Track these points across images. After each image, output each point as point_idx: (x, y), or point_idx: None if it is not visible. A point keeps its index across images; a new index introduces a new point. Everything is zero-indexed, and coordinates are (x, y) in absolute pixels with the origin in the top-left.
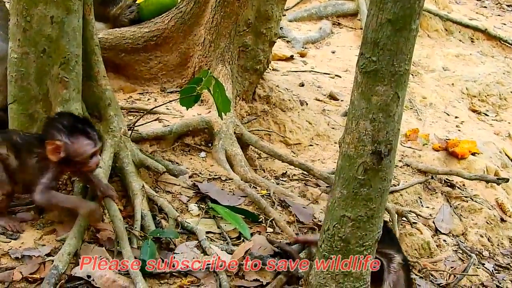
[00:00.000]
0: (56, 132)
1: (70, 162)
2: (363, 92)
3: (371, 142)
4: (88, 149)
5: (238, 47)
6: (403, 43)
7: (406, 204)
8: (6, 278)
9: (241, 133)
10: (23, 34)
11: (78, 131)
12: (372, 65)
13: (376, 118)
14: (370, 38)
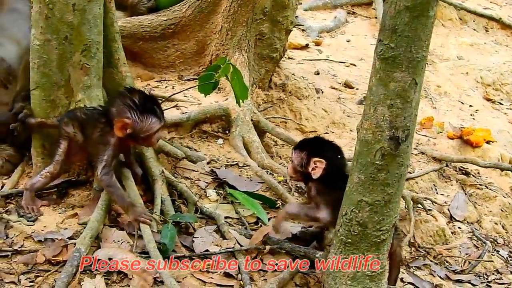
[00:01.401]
0: (126, 109)
1: (134, 138)
2: (381, 78)
3: (388, 128)
4: (154, 126)
5: (254, 35)
6: (420, 29)
7: (421, 191)
8: (30, 260)
9: (258, 120)
10: (45, 21)
11: (146, 109)
12: (390, 52)
13: (394, 104)
14: (388, 24)
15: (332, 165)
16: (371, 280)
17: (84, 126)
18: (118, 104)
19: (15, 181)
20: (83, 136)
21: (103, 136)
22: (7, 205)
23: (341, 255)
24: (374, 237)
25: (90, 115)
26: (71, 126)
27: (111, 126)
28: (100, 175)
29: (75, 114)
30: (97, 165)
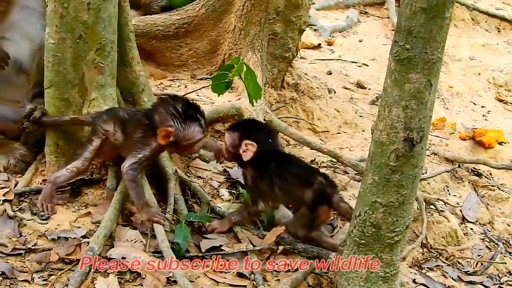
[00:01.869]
0: (170, 117)
1: (175, 145)
2: (396, 80)
3: (403, 129)
4: (197, 135)
5: (267, 34)
6: (436, 31)
7: (433, 192)
8: (43, 258)
9: (271, 120)
10: (60, 20)
11: (190, 118)
12: (406, 53)
13: (409, 105)
14: (404, 26)
15: (264, 149)
16: (385, 281)
17: (125, 126)
18: (161, 112)
19: (29, 180)
20: (123, 135)
21: (144, 138)
22: (20, 203)
23: (354, 256)
24: (387, 239)
25: (132, 116)
26: (112, 124)
27: (153, 130)
28: (128, 167)
29: (117, 113)
30: (128, 158)
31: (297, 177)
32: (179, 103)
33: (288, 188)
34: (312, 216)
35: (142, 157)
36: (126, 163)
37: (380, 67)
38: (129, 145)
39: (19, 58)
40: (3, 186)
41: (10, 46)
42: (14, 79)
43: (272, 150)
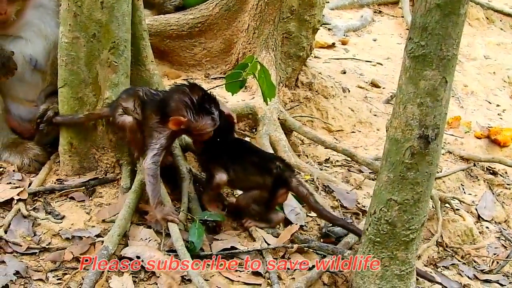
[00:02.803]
0: (184, 107)
1: (187, 132)
2: (411, 77)
3: (418, 126)
4: (207, 127)
5: (281, 33)
6: (451, 27)
7: (448, 191)
8: (58, 257)
9: (285, 119)
10: (73, 19)
11: (204, 110)
12: (421, 50)
13: (424, 103)
14: (419, 23)
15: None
16: (400, 280)
17: (144, 107)
18: (176, 100)
19: (43, 179)
20: (142, 115)
21: (159, 125)
22: (34, 202)
23: (369, 254)
24: (403, 236)
25: (150, 99)
26: (132, 102)
27: (168, 117)
28: (148, 162)
29: (137, 91)
30: (148, 152)
31: (256, 166)
32: (195, 94)
33: (248, 177)
34: (271, 198)
35: (160, 146)
36: (147, 158)
37: (394, 66)
38: (146, 129)
39: (34, 57)
40: (17, 186)
41: (25, 45)
42: (29, 78)
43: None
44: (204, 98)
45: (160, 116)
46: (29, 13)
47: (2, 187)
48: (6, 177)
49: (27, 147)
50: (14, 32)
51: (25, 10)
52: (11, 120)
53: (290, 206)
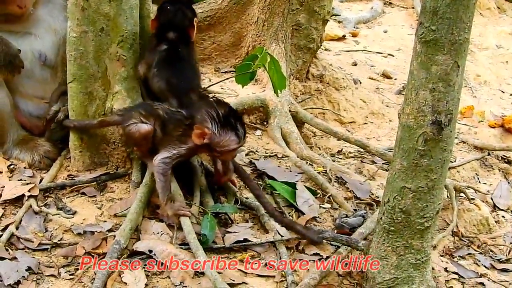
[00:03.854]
0: (209, 119)
1: (209, 148)
2: (423, 62)
3: (431, 112)
4: (232, 144)
5: (291, 25)
6: (462, 11)
7: (463, 180)
8: (70, 253)
9: (296, 111)
10: (81, 13)
11: (229, 125)
12: (432, 34)
13: (436, 88)
14: (429, 6)
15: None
16: (415, 269)
17: (165, 125)
18: (203, 112)
19: (53, 175)
20: (162, 133)
21: (183, 137)
22: (46, 198)
23: (384, 243)
24: (417, 225)
25: (172, 116)
26: (152, 121)
27: (192, 129)
28: (159, 159)
29: (156, 111)
30: (162, 151)
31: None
32: (222, 108)
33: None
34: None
35: (177, 153)
36: (159, 156)
37: (405, 57)
38: (167, 141)
39: (44, 53)
40: (28, 182)
41: (34, 41)
42: (38, 74)
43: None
44: (230, 113)
45: (184, 129)
46: (39, 9)
47: (13, 184)
48: (17, 173)
49: (37, 143)
50: (22, 27)
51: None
52: (20, 117)
53: (303, 198)
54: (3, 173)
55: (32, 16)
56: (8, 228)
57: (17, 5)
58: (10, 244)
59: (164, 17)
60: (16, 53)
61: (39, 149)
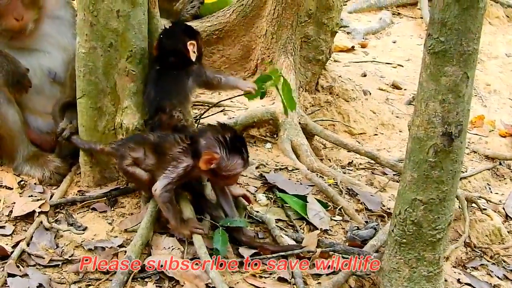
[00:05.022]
0: (217, 145)
1: (214, 173)
2: (432, 73)
3: (441, 124)
4: (238, 168)
5: (300, 38)
6: (470, 22)
7: (474, 190)
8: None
9: (306, 123)
10: (90, 28)
11: (236, 150)
12: (440, 45)
13: (446, 99)
14: (437, 18)
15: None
16: (428, 281)
17: (158, 147)
18: (209, 137)
19: (64, 191)
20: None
21: (181, 156)
22: (56, 214)
23: (396, 255)
24: (429, 236)
25: (166, 137)
26: (141, 150)
27: (194, 152)
28: (161, 190)
29: (146, 137)
30: (160, 179)
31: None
32: (228, 133)
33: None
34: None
35: (176, 176)
36: (158, 185)
37: (415, 68)
38: (163, 163)
39: (53, 70)
40: (39, 198)
41: (43, 57)
42: (47, 91)
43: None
44: (236, 138)
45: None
46: (46, 25)
47: (24, 200)
48: (27, 190)
49: (47, 159)
50: (31, 44)
51: (42, 21)
52: (30, 133)
53: (314, 210)
54: (14, 189)
55: (39, 32)
56: (19, 244)
57: (14, 17)
58: (21, 261)
59: (160, 41)
60: (24, 72)
61: (49, 165)
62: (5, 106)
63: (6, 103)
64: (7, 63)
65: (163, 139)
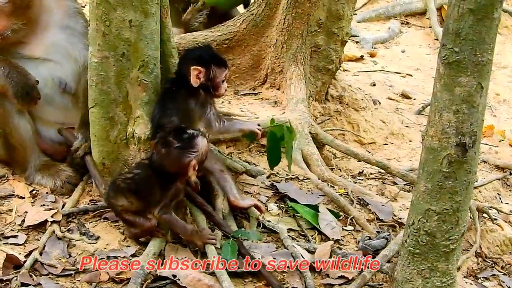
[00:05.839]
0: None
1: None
2: (446, 84)
3: (455, 134)
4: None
5: (310, 47)
6: (485, 32)
7: (485, 200)
8: (93, 278)
9: (316, 133)
10: (102, 38)
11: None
12: (454, 56)
13: (460, 110)
14: (452, 28)
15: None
16: None
17: (138, 189)
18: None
19: (76, 200)
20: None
21: (165, 188)
22: (68, 224)
23: (409, 266)
24: (443, 247)
25: (141, 174)
26: (123, 198)
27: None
28: (159, 214)
29: (122, 184)
30: (155, 205)
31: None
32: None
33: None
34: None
35: (169, 198)
36: (155, 211)
37: (424, 77)
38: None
39: (64, 80)
40: (51, 208)
41: (54, 67)
42: (59, 101)
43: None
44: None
45: (160, 183)
46: (56, 35)
47: (36, 210)
48: (39, 199)
49: (59, 169)
50: (41, 54)
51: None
52: (41, 143)
53: (326, 220)
54: (26, 199)
55: (49, 42)
56: (32, 253)
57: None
58: (34, 270)
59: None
60: (33, 84)
61: (61, 174)
62: (16, 117)
63: (17, 114)
64: (17, 75)
65: (139, 179)
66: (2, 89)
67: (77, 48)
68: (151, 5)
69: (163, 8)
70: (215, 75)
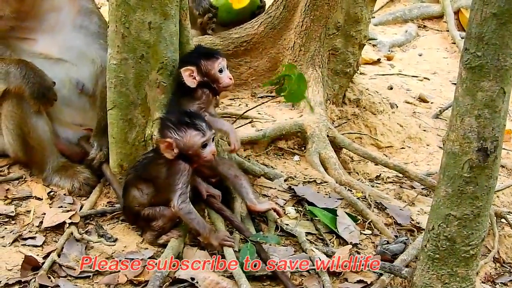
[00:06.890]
0: (166, 130)
1: (185, 158)
2: (468, 88)
3: (476, 139)
4: (197, 139)
5: (328, 50)
6: (508, 37)
7: (503, 205)
8: (112, 281)
9: (334, 136)
10: (122, 40)
11: (184, 125)
12: (477, 60)
13: (482, 114)
14: (474, 33)
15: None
16: None
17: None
18: (160, 129)
19: (94, 202)
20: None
21: (170, 169)
22: (86, 226)
23: (429, 271)
24: (463, 252)
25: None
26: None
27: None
28: (178, 204)
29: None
30: (172, 195)
31: None
32: (171, 115)
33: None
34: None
35: (182, 184)
36: (174, 202)
37: (441, 81)
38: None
39: (81, 81)
40: (69, 209)
41: (71, 68)
42: (76, 102)
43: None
44: (182, 115)
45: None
46: (69, 34)
47: (54, 211)
48: (57, 201)
49: (77, 170)
50: (55, 53)
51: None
52: (59, 144)
53: (344, 224)
54: (44, 200)
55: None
56: (50, 255)
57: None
58: (52, 272)
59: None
60: (50, 85)
61: (79, 176)
62: (34, 117)
63: (35, 115)
64: (34, 76)
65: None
66: (19, 90)
67: (93, 49)
68: (170, 7)
69: (182, 10)
70: (208, 68)
